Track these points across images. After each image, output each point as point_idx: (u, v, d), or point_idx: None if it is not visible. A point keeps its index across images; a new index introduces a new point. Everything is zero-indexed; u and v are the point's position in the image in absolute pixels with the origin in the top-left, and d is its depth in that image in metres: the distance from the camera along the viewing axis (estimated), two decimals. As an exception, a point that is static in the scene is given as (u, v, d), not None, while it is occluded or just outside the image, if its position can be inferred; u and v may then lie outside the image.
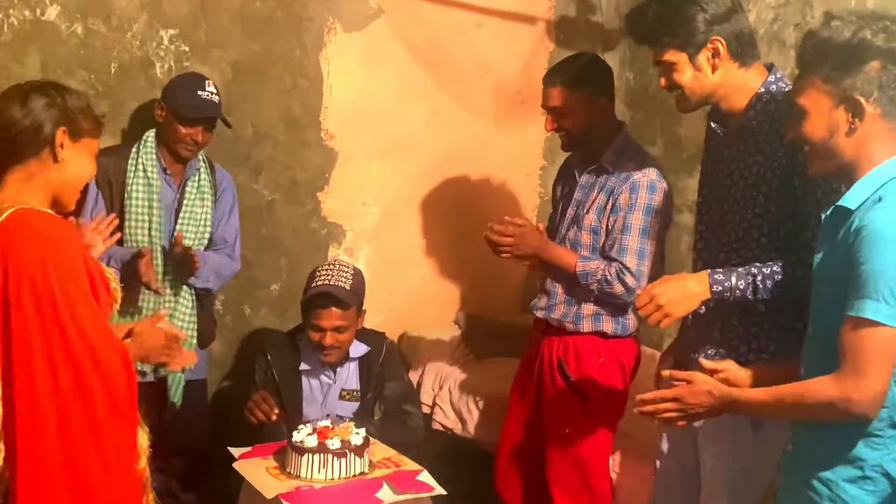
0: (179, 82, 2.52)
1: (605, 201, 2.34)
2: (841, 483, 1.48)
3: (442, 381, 3.18)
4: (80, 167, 1.64)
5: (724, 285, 1.83)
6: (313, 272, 2.53)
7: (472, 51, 3.41)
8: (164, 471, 2.61)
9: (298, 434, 2.18)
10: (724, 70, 1.88)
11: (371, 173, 3.23)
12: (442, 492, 2.13)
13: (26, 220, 1.52)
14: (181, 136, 2.45)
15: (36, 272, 1.47)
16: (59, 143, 1.59)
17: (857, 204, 1.48)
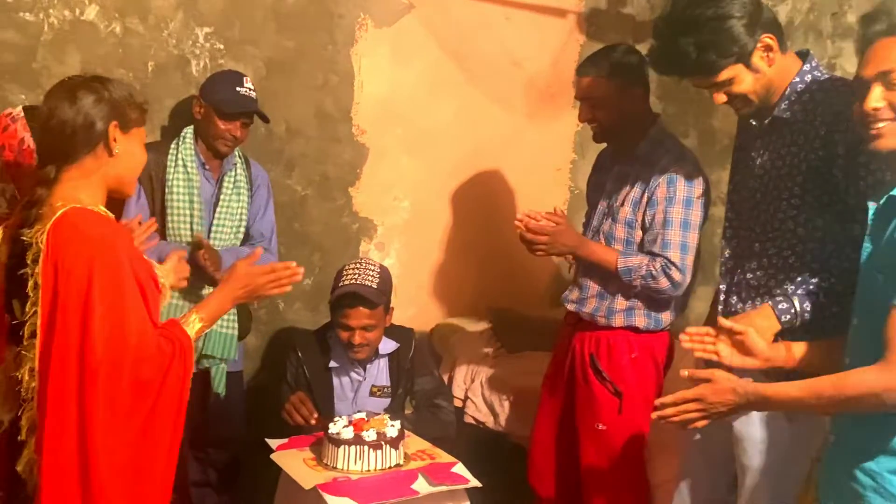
0: (219, 79, 2.56)
1: (641, 194, 2.31)
2: (885, 474, 1.47)
3: (473, 375, 3.19)
4: (133, 157, 1.67)
5: (791, 314, 1.78)
6: (340, 271, 2.52)
7: (502, 45, 3.41)
8: (203, 461, 2.67)
9: (335, 426, 2.20)
10: (779, 60, 1.85)
11: (402, 168, 3.25)
12: (477, 484, 2.14)
13: (76, 221, 1.55)
14: (220, 132, 2.49)
15: (81, 272, 1.51)
16: (112, 137, 1.61)
17: None
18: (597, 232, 2.42)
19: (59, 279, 1.52)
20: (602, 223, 2.40)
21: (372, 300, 2.42)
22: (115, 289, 1.53)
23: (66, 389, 1.51)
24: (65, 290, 1.51)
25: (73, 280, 1.51)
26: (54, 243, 1.53)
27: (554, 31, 3.51)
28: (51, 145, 1.61)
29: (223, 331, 2.52)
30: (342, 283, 2.45)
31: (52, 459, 1.51)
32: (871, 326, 1.49)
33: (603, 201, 2.42)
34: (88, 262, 1.51)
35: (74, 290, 1.51)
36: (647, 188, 2.29)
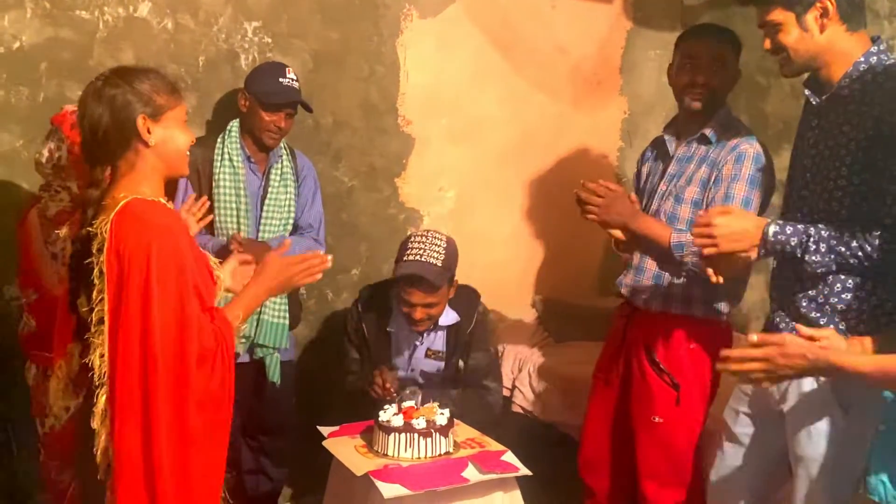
0: (261, 71, 2.59)
1: (710, 173, 2.25)
2: None
3: (521, 364, 3.19)
4: (173, 141, 1.66)
5: (777, 237, 1.81)
6: (405, 242, 2.50)
7: (548, 32, 3.38)
8: (256, 449, 2.72)
9: (385, 414, 2.23)
10: (831, 31, 1.82)
11: (447, 158, 3.26)
12: (527, 472, 2.15)
13: (137, 211, 1.59)
14: (265, 124, 2.52)
15: (141, 258, 1.55)
16: (144, 129, 1.62)
17: None
18: (656, 214, 2.35)
19: (122, 266, 1.56)
20: (662, 204, 2.33)
21: (434, 282, 2.40)
22: (174, 275, 1.57)
23: (131, 374, 1.55)
24: (127, 277, 1.55)
25: (135, 266, 1.55)
26: (117, 232, 1.57)
27: (600, 17, 3.47)
28: (90, 148, 1.64)
29: (275, 320, 2.56)
30: (406, 259, 2.43)
31: (122, 445, 1.56)
32: None
33: (664, 184, 2.35)
34: (147, 249, 1.55)
35: (136, 275, 1.55)
36: (716, 167, 2.24)
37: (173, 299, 1.56)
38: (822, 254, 1.77)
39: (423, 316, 2.45)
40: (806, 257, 1.79)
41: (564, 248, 3.52)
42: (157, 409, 1.55)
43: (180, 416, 1.57)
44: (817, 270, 1.81)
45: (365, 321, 2.57)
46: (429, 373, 2.58)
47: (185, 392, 1.57)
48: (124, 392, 1.55)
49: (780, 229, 1.82)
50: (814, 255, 1.78)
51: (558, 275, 3.53)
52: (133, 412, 1.56)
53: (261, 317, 2.53)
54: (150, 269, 1.54)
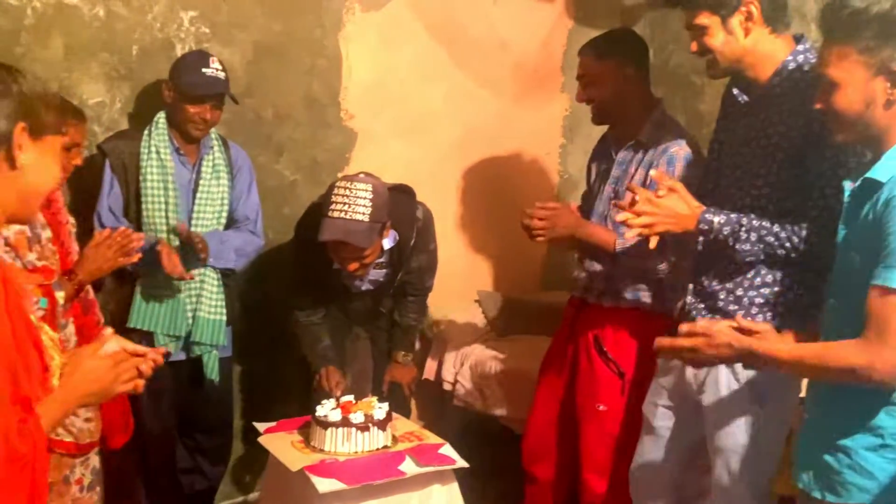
0: (184, 61, 2.50)
1: (645, 176, 2.31)
2: (861, 451, 1.49)
3: (463, 359, 3.20)
4: (44, 171, 1.26)
5: (709, 224, 1.87)
6: (329, 192, 2.29)
7: (491, 28, 3.40)
8: (191, 447, 2.68)
9: (322, 408, 2.21)
10: (756, 34, 1.87)
11: (391, 153, 3.24)
12: (464, 464, 2.16)
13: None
14: (190, 115, 2.44)
15: None
16: (17, 143, 1.21)
17: (888, 176, 1.47)
18: (602, 217, 2.41)
19: None
20: (609, 208, 2.39)
21: (362, 244, 2.26)
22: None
23: None
24: None
25: None
26: None
27: (542, 14, 3.50)
28: None
29: (211, 317, 2.51)
30: (330, 215, 2.24)
31: None
32: (848, 306, 1.51)
33: (609, 186, 2.41)
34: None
35: None
36: (650, 169, 2.29)
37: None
38: (752, 242, 1.83)
39: (356, 267, 2.34)
40: (736, 245, 1.84)
41: (508, 243, 3.54)
42: None
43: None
44: (745, 259, 1.86)
45: (307, 253, 2.43)
46: (375, 280, 2.57)
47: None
48: None
49: (714, 215, 1.87)
50: (744, 243, 1.83)
51: (502, 270, 3.56)
52: None
53: (197, 313, 2.48)
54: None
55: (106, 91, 2.68)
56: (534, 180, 3.61)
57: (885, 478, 1.46)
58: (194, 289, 2.49)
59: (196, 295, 2.50)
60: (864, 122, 1.51)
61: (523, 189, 3.58)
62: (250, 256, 2.68)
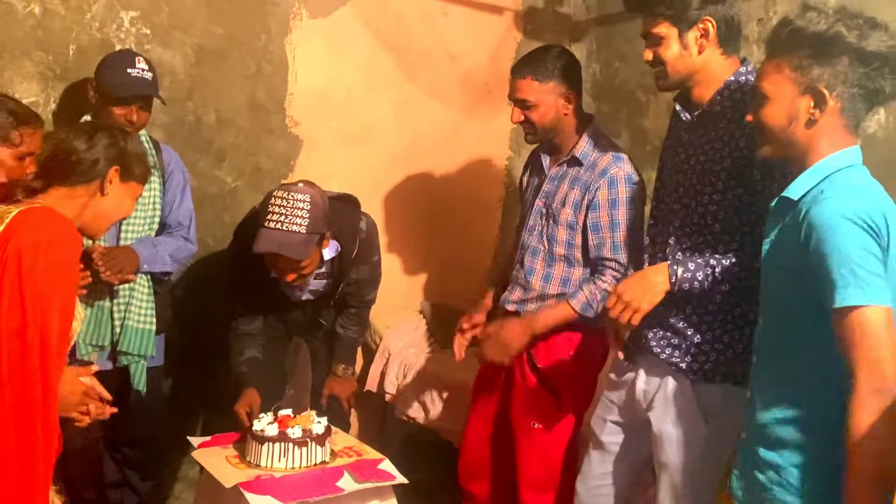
0: (108, 61, 2.41)
1: (581, 196, 2.31)
2: (788, 468, 1.51)
3: (406, 370, 3.17)
4: (119, 204, 1.82)
5: (684, 276, 1.85)
6: (266, 200, 2.23)
7: (440, 40, 3.39)
8: (120, 461, 2.58)
9: (259, 423, 2.16)
10: (708, 53, 1.89)
11: (336, 161, 3.21)
12: (403, 480, 2.13)
13: (46, 213, 1.64)
14: (115, 117, 2.33)
15: (26, 253, 1.55)
16: (109, 178, 1.77)
17: (799, 195, 1.51)
18: (532, 231, 2.42)
19: (8, 254, 1.54)
20: (543, 224, 2.39)
21: (296, 257, 2.20)
22: (60, 283, 1.58)
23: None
24: (8, 267, 1.54)
25: (24, 259, 1.54)
26: (18, 222, 1.58)
27: (491, 27, 3.51)
28: (53, 164, 1.74)
29: (140, 326, 2.42)
30: (266, 225, 2.18)
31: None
32: (776, 324, 1.54)
33: (539, 200, 2.41)
34: (35, 245, 1.55)
35: (21, 269, 1.54)
36: (588, 190, 2.29)
37: (42, 306, 1.55)
38: (729, 281, 1.83)
39: (293, 277, 2.29)
40: (715, 287, 1.84)
41: (453, 255, 3.54)
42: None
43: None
44: (721, 294, 1.86)
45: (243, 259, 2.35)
46: (315, 290, 2.52)
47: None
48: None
49: (685, 268, 1.86)
50: (722, 284, 1.83)
51: (447, 281, 3.55)
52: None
53: (125, 322, 2.40)
54: (35, 267, 1.55)
55: (40, 91, 2.59)
56: (480, 191, 3.62)
57: (811, 496, 1.48)
58: (123, 297, 2.40)
59: (125, 303, 2.41)
60: (786, 138, 1.55)
61: (470, 200, 3.58)
62: (183, 262, 2.61)
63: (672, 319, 1.95)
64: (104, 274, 2.27)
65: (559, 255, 2.36)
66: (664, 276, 1.87)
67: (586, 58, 3.50)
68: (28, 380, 1.53)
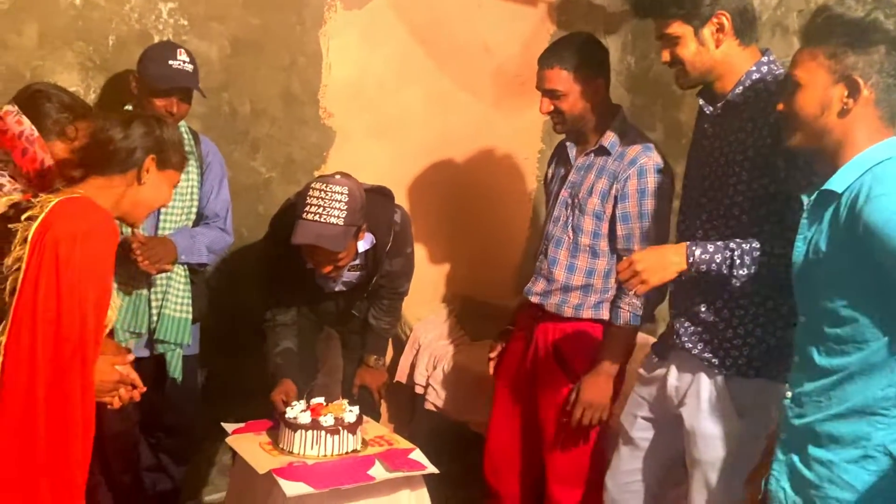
0: (150, 53, 2.43)
1: (609, 186, 2.29)
2: (842, 464, 1.49)
3: (436, 362, 3.19)
4: (157, 192, 1.82)
5: (701, 258, 1.83)
6: (305, 191, 2.25)
7: (473, 31, 3.38)
8: (155, 446, 2.63)
9: (292, 410, 2.18)
10: (726, 46, 1.88)
11: (368, 153, 3.22)
12: (434, 470, 2.14)
13: (84, 204, 1.66)
14: (156, 109, 2.35)
15: (64, 243, 1.57)
16: (146, 167, 1.77)
17: (843, 188, 1.49)
18: (556, 221, 2.40)
19: (45, 243, 1.56)
20: (569, 214, 2.37)
21: (333, 248, 2.22)
22: (94, 276, 1.59)
23: (21, 353, 1.57)
24: (46, 256, 1.56)
25: (61, 249, 1.56)
26: (57, 212, 1.60)
27: (525, 19, 3.49)
28: (91, 153, 1.76)
29: (176, 314, 2.45)
30: (304, 216, 2.20)
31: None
32: (818, 321, 1.52)
33: (565, 190, 2.40)
34: (72, 236, 1.57)
35: (58, 259, 1.56)
36: (617, 180, 2.28)
37: (79, 295, 1.57)
38: (748, 266, 1.80)
39: (329, 269, 2.31)
40: (733, 272, 1.81)
41: (483, 248, 3.53)
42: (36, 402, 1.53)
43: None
44: (742, 283, 1.82)
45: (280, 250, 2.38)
46: (348, 281, 2.53)
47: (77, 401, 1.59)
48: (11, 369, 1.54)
49: (703, 248, 1.83)
50: (740, 268, 1.80)
51: (476, 274, 3.54)
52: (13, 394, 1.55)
53: (162, 310, 2.43)
54: (72, 257, 1.57)
55: (80, 81, 2.62)
56: (511, 185, 3.61)
57: (866, 491, 1.46)
58: (160, 285, 2.44)
59: (162, 292, 2.44)
60: (818, 127, 1.53)
61: (500, 193, 3.57)
62: (219, 253, 2.64)
63: (703, 314, 1.93)
64: (143, 264, 2.30)
65: (584, 245, 2.35)
66: (681, 256, 1.84)
67: (621, 50, 3.47)
68: (63, 369, 1.55)
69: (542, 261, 2.44)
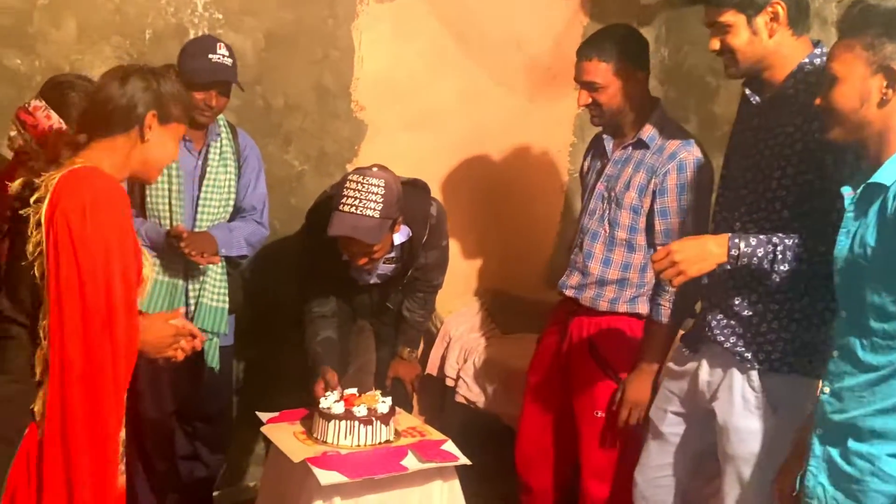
0: (191, 47, 2.46)
1: (648, 180, 2.26)
2: (883, 457, 1.47)
3: (467, 355, 3.19)
4: (163, 149, 1.74)
5: (742, 250, 1.79)
6: (342, 183, 2.26)
7: (505, 24, 3.37)
8: (191, 434, 2.67)
9: (325, 401, 2.20)
10: (779, 36, 1.84)
11: (400, 146, 3.22)
12: (467, 462, 2.14)
13: (87, 174, 1.61)
14: (195, 102, 2.36)
15: (74, 217, 1.55)
16: (147, 124, 1.69)
17: (891, 180, 1.46)
18: (592, 214, 2.38)
19: (56, 222, 1.55)
20: (605, 208, 2.35)
21: (369, 241, 2.23)
22: (103, 245, 1.57)
23: (54, 330, 1.56)
24: (61, 234, 1.55)
25: (73, 222, 1.55)
26: (61, 188, 1.58)
27: (557, 11, 3.48)
28: (91, 116, 1.70)
29: (214, 304, 2.49)
30: (340, 208, 2.22)
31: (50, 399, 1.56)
32: (859, 319, 1.50)
33: (601, 184, 2.37)
34: (81, 208, 1.55)
35: (66, 235, 1.55)
36: (655, 174, 2.25)
37: (104, 263, 1.57)
38: (789, 261, 1.77)
39: (365, 261, 2.32)
40: (774, 267, 1.78)
41: (514, 241, 3.53)
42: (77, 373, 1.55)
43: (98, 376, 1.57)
44: (783, 278, 1.79)
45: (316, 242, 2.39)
46: (383, 274, 2.54)
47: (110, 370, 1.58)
48: (53, 352, 1.55)
49: (744, 241, 1.80)
50: (781, 263, 1.77)
51: (507, 267, 3.54)
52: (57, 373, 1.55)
53: (200, 300, 2.47)
54: (84, 230, 1.55)
55: (117, 74, 2.67)
56: (543, 178, 3.60)
57: None
58: (198, 276, 2.48)
59: (200, 282, 2.48)
60: (857, 120, 1.51)
61: (532, 187, 3.56)
62: (256, 247, 2.67)
63: (737, 307, 1.90)
64: (191, 255, 2.34)
65: (620, 239, 2.32)
66: (723, 248, 1.80)
67: (654, 42, 3.44)
68: (94, 343, 1.55)
69: (577, 254, 2.42)
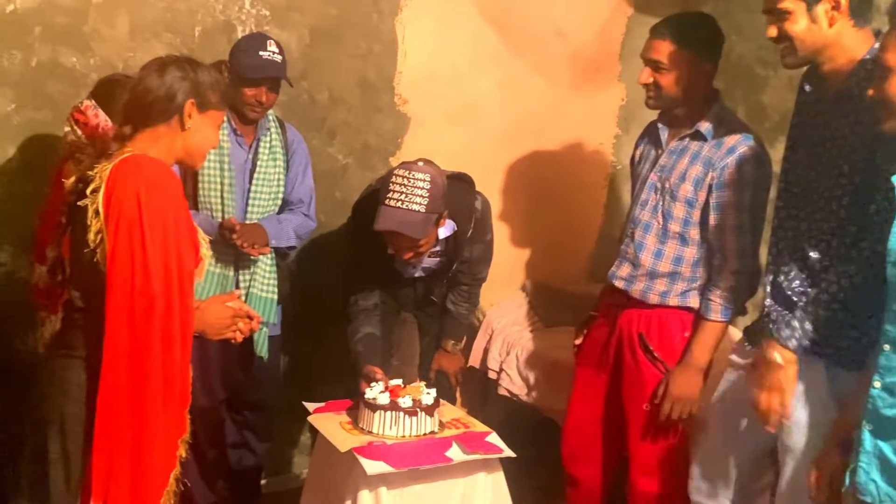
0: (242, 44, 2.51)
1: (705, 173, 2.21)
2: None
3: (509, 347, 3.19)
4: (204, 136, 1.80)
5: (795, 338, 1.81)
6: (388, 177, 2.28)
7: (548, 16, 3.36)
8: (240, 423, 2.73)
9: (371, 391, 2.23)
10: (839, 25, 1.80)
11: (443, 139, 3.23)
12: (511, 454, 2.15)
13: (138, 160, 1.69)
14: (246, 97, 2.45)
15: (128, 204, 1.62)
16: (187, 112, 1.75)
17: None
18: (644, 205, 2.34)
19: (112, 208, 1.63)
20: (656, 199, 2.31)
21: (415, 235, 2.25)
22: (160, 228, 1.63)
23: (120, 319, 1.63)
24: (118, 221, 1.62)
25: (125, 210, 1.62)
26: (114, 177, 1.65)
27: (601, 2, 3.45)
28: (133, 108, 1.76)
29: (264, 294, 2.55)
30: (387, 203, 2.24)
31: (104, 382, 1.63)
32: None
33: (654, 174, 2.32)
34: (135, 194, 1.62)
35: (125, 221, 1.62)
36: (713, 168, 2.20)
37: (160, 246, 1.63)
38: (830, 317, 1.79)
39: (410, 255, 2.34)
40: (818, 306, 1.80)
41: (557, 234, 3.52)
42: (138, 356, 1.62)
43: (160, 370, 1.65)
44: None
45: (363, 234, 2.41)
46: (428, 267, 2.56)
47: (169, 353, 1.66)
48: (110, 336, 1.61)
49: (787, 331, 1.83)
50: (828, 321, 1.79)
51: (550, 260, 3.53)
52: (114, 355, 1.62)
53: (250, 290, 2.52)
54: (142, 215, 1.62)
55: (168, 71, 2.73)
56: (586, 170, 3.58)
57: None
58: (248, 266, 2.53)
59: (250, 272, 2.53)
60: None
61: (575, 179, 3.55)
62: (304, 239, 2.71)
63: (801, 304, 1.87)
64: (243, 246, 2.40)
65: (674, 231, 2.28)
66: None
67: (700, 32, 3.38)
68: (140, 323, 1.61)
69: (627, 244, 2.38)
